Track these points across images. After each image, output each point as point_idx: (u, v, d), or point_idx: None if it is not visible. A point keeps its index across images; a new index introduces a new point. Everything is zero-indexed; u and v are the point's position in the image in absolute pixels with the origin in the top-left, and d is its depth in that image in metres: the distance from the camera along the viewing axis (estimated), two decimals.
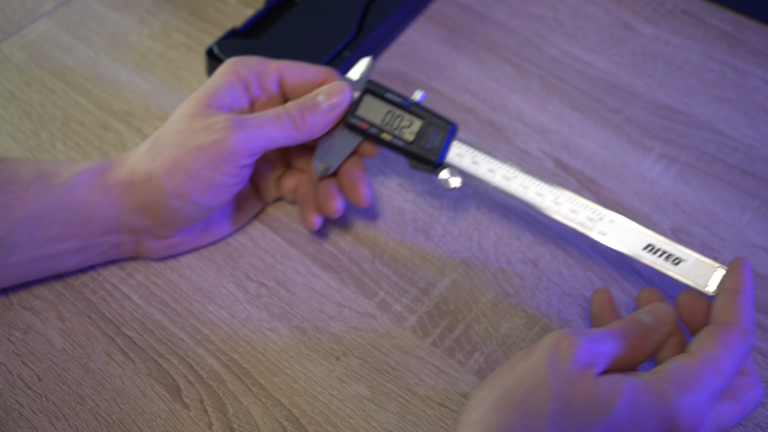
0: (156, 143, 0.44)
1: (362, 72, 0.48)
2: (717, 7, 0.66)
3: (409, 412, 0.43)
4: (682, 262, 0.42)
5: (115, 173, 0.44)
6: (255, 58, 0.47)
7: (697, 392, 0.35)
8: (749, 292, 0.39)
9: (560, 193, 0.45)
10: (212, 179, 0.43)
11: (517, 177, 0.45)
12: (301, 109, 0.45)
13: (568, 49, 0.63)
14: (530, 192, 0.45)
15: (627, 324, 0.38)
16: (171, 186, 0.43)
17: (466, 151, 0.46)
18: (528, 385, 0.35)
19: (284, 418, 0.43)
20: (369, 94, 0.47)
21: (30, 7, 0.64)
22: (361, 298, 0.48)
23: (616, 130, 0.58)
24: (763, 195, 0.54)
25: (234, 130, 0.43)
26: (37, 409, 0.43)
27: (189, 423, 0.42)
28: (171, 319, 0.47)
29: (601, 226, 0.44)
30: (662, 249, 0.43)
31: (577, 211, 0.44)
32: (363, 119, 0.47)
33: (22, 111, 0.57)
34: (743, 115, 0.59)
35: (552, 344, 0.36)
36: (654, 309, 0.40)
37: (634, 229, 0.44)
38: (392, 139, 0.46)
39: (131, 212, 0.44)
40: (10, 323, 0.46)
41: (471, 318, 0.48)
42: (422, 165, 0.47)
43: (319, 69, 0.48)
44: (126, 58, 0.61)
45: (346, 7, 0.61)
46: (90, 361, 0.45)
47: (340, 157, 0.47)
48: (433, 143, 0.46)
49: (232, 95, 0.46)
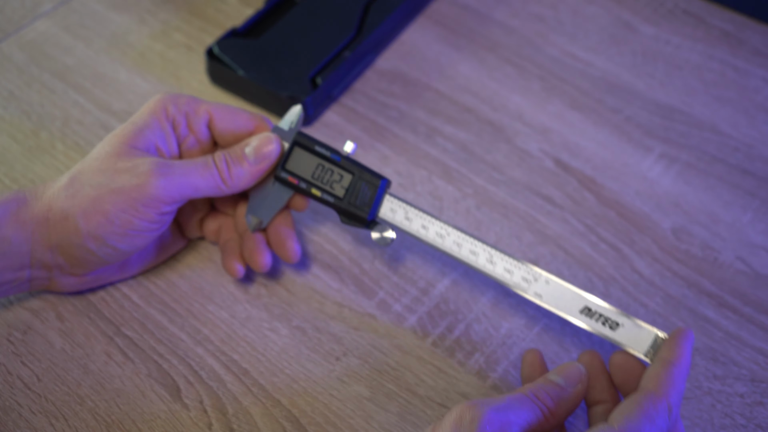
0: (75, 180, 0.42)
1: (293, 122, 0.46)
2: (717, 7, 0.66)
3: (410, 413, 0.43)
4: (620, 327, 0.41)
5: (31, 208, 0.42)
6: (185, 96, 0.45)
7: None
8: (684, 366, 0.37)
9: (494, 252, 0.43)
10: (131, 224, 0.42)
11: (451, 234, 0.44)
12: (227, 161, 0.44)
13: (568, 49, 0.63)
14: (464, 250, 0.44)
15: (537, 387, 0.37)
16: (87, 227, 0.41)
17: (399, 206, 0.45)
18: None
19: (284, 419, 0.43)
20: (298, 146, 0.45)
21: (30, 7, 0.64)
22: (361, 298, 0.48)
23: (617, 129, 0.58)
24: (763, 195, 0.54)
25: (158, 175, 0.41)
26: (36, 410, 0.42)
27: (189, 423, 0.42)
28: (171, 320, 0.46)
29: (536, 287, 0.42)
30: (599, 313, 0.41)
31: (512, 272, 0.43)
32: (292, 173, 0.45)
33: (22, 111, 0.56)
34: (744, 115, 0.59)
35: (455, 419, 0.35)
36: (564, 369, 0.39)
37: (570, 291, 0.42)
38: (322, 194, 0.45)
39: (45, 249, 0.43)
40: (9, 323, 0.46)
41: (471, 318, 0.48)
42: (353, 221, 0.45)
43: (250, 117, 0.46)
44: (126, 58, 0.60)
45: (346, 7, 0.61)
46: (89, 361, 0.44)
47: (273, 211, 0.46)
48: (364, 199, 0.45)
49: (159, 135, 0.44)
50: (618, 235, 0.51)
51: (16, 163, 0.53)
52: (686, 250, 0.51)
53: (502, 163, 0.55)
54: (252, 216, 0.46)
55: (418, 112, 0.58)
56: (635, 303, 0.48)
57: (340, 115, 0.58)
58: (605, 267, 0.50)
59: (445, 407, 0.44)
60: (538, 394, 0.37)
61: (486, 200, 0.53)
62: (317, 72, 0.56)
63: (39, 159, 0.54)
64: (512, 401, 0.36)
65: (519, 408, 0.36)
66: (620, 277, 0.49)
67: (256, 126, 0.46)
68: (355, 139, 0.56)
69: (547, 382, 0.38)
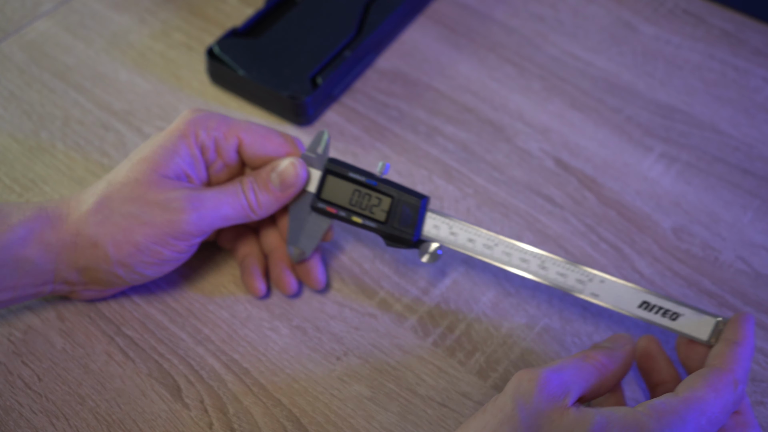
0: (103, 205, 0.42)
1: (321, 147, 0.45)
2: (718, 7, 0.66)
3: (410, 412, 0.43)
4: (680, 316, 0.41)
5: (57, 232, 0.42)
6: (215, 119, 0.44)
7: (678, 428, 0.34)
8: (748, 346, 0.38)
9: (546, 257, 0.43)
10: (161, 255, 0.42)
11: (499, 244, 0.43)
12: (254, 189, 0.44)
13: (568, 49, 0.63)
14: (514, 258, 0.43)
15: (588, 351, 0.39)
16: (118, 256, 0.42)
17: (442, 222, 0.44)
18: (496, 421, 0.35)
19: (285, 418, 0.43)
20: (331, 174, 0.45)
21: (30, 7, 0.64)
22: (362, 297, 0.48)
23: (617, 129, 0.58)
24: (764, 194, 0.54)
25: (190, 211, 0.41)
26: (37, 409, 0.43)
27: (189, 423, 0.42)
28: (171, 319, 0.46)
29: (592, 287, 0.42)
30: (658, 305, 0.41)
31: (566, 275, 0.43)
32: (329, 203, 0.45)
33: (22, 111, 0.56)
34: (744, 115, 0.59)
35: (516, 382, 0.36)
36: (610, 338, 0.41)
37: (626, 288, 0.42)
38: (364, 221, 0.45)
39: (71, 270, 0.43)
40: (10, 323, 0.46)
41: (472, 318, 0.48)
42: (398, 244, 0.45)
43: (281, 143, 0.45)
44: (126, 58, 0.60)
45: (347, 7, 0.61)
46: (90, 361, 0.44)
47: (315, 241, 0.45)
48: (407, 220, 0.44)
49: (188, 162, 0.43)
50: (618, 234, 0.51)
51: (17, 163, 0.53)
52: (687, 250, 0.51)
53: (503, 162, 0.55)
54: (294, 247, 0.46)
55: (419, 111, 0.58)
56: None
57: (341, 115, 0.58)
58: (606, 267, 0.50)
59: (445, 407, 0.44)
60: (590, 355, 0.38)
61: (486, 200, 0.53)
62: (318, 72, 0.56)
63: (39, 159, 0.54)
64: (565, 363, 0.37)
65: (575, 368, 0.37)
66: (621, 277, 0.49)
67: (287, 152, 0.45)
68: (355, 139, 0.56)
69: (596, 347, 0.39)
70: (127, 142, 0.55)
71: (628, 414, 0.35)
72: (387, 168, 0.45)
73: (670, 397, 0.35)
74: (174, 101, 0.58)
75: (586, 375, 0.37)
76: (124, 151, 0.54)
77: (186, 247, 0.43)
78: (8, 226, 0.41)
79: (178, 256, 0.43)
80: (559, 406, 0.35)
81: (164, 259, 0.43)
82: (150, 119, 0.56)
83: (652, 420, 0.34)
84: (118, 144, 0.55)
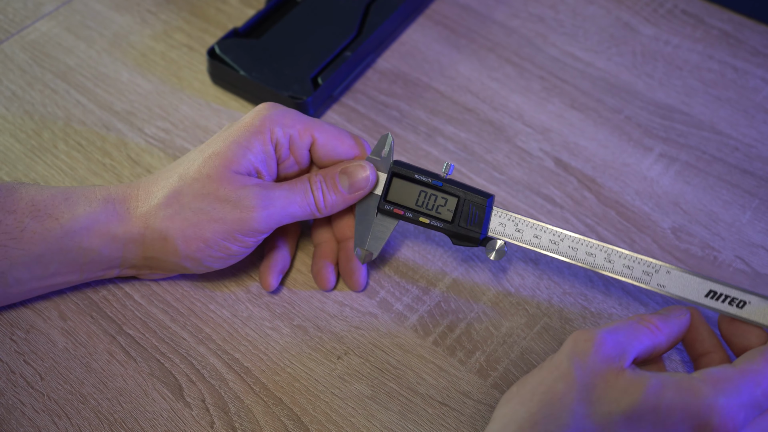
0: (174, 200, 0.42)
1: (386, 150, 0.46)
2: (717, 7, 0.67)
3: (411, 411, 0.44)
4: (747, 304, 0.42)
5: (124, 224, 0.43)
6: (290, 116, 0.44)
7: (733, 395, 0.35)
8: None
9: (612, 251, 0.44)
10: (228, 250, 0.43)
11: (565, 239, 0.44)
12: (323, 189, 0.44)
13: (568, 49, 0.63)
14: (580, 253, 0.44)
15: (643, 314, 0.40)
16: (186, 251, 0.43)
17: (507, 220, 0.45)
18: (552, 378, 0.36)
19: (286, 417, 0.43)
20: (397, 177, 0.46)
21: (32, 7, 0.64)
22: (363, 297, 0.48)
23: (617, 129, 0.58)
24: (762, 194, 0.54)
25: (260, 209, 0.42)
26: (39, 408, 0.43)
27: (191, 422, 0.43)
28: (173, 318, 0.47)
29: (658, 278, 0.43)
30: (724, 294, 0.42)
31: (632, 267, 0.43)
32: (396, 204, 0.46)
33: (24, 111, 0.57)
34: (743, 115, 0.59)
35: (572, 341, 0.37)
36: (667, 308, 0.41)
37: (692, 278, 0.43)
38: (431, 221, 0.45)
39: (138, 258, 0.44)
40: (12, 322, 0.46)
41: (472, 317, 0.48)
42: (465, 242, 0.45)
43: (352, 145, 0.46)
44: (127, 58, 0.61)
45: (347, 7, 0.61)
46: (92, 360, 0.45)
47: (381, 242, 0.46)
48: (474, 219, 0.45)
49: (260, 159, 0.44)
50: (618, 234, 0.52)
51: (19, 163, 0.53)
52: (686, 250, 0.51)
53: (503, 162, 0.55)
54: (361, 249, 0.46)
55: (419, 111, 0.58)
56: (635, 302, 0.48)
57: (342, 115, 0.58)
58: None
59: (445, 406, 0.44)
60: (645, 318, 0.39)
61: None
62: (318, 72, 0.57)
63: (41, 159, 0.54)
64: (622, 325, 0.38)
65: (630, 330, 0.38)
66: None
67: (356, 155, 0.46)
68: None
69: (651, 313, 0.40)
70: (129, 142, 0.55)
71: (683, 379, 0.35)
72: (452, 168, 0.46)
73: (727, 366, 0.36)
74: (175, 101, 0.58)
75: (641, 337, 0.38)
76: (125, 151, 0.55)
77: (253, 242, 0.44)
78: (73, 215, 0.42)
79: (245, 251, 0.44)
80: (615, 366, 0.36)
81: (231, 254, 0.44)
82: (151, 119, 0.57)
83: (707, 386, 0.35)
84: (119, 144, 0.55)
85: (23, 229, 0.41)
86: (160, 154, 0.55)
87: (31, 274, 0.42)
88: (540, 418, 0.36)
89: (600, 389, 0.35)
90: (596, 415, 0.35)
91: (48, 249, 0.42)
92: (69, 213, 0.42)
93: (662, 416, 0.34)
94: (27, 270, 0.42)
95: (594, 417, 0.35)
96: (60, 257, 0.42)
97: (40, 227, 0.42)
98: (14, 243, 0.41)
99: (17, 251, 0.41)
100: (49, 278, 0.43)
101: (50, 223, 0.42)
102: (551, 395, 0.36)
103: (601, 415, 0.35)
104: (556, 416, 0.35)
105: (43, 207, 0.42)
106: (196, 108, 0.58)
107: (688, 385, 0.35)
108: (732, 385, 0.35)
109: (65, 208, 0.42)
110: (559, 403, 0.36)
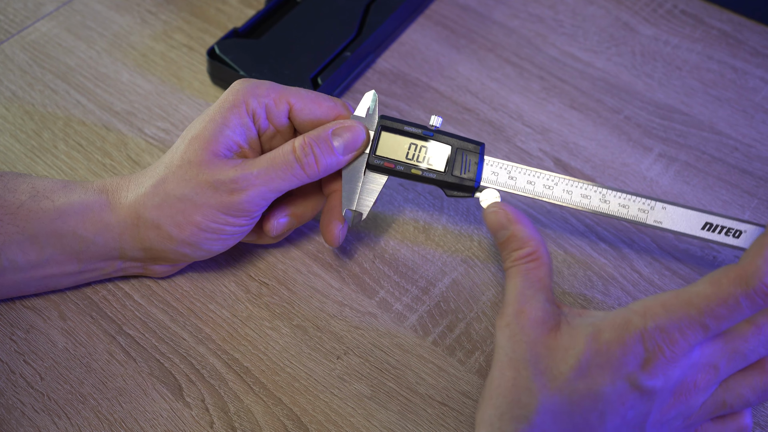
0: (160, 188, 0.43)
1: (370, 107, 0.46)
2: (716, 8, 0.67)
3: (410, 411, 0.44)
4: (743, 233, 0.43)
5: (116, 213, 0.43)
6: (265, 86, 0.44)
7: (662, 318, 0.35)
8: None
9: (607, 192, 0.44)
10: (223, 231, 0.43)
11: (559, 183, 0.44)
12: (314, 152, 0.43)
13: (567, 49, 0.63)
14: (575, 196, 0.44)
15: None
16: (181, 236, 0.43)
17: (500, 168, 0.45)
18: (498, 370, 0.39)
19: (285, 417, 0.43)
20: (385, 130, 0.45)
21: (32, 8, 0.64)
22: (362, 297, 0.48)
23: (616, 129, 0.58)
24: (762, 194, 0.54)
25: (241, 192, 0.42)
26: (39, 408, 0.43)
27: (191, 422, 0.43)
28: (173, 318, 0.47)
29: (654, 215, 0.44)
30: (720, 225, 0.43)
31: (627, 206, 0.44)
32: (386, 158, 0.45)
33: (24, 111, 0.57)
34: (742, 115, 0.59)
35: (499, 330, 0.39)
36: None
37: (688, 212, 0.44)
38: (423, 173, 0.45)
39: (136, 249, 0.44)
40: (12, 322, 0.46)
41: (471, 317, 0.48)
42: (459, 192, 0.45)
43: (331, 106, 0.45)
44: (127, 59, 0.61)
45: (347, 8, 0.61)
46: (92, 360, 0.45)
47: (371, 201, 0.45)
48: (467, 168, 0.45)
49: (239, 132, 0.43)
50: (617, 234, 0.52)
51: (19, 163, 0.54)
52: (685, 250, 0.51)
53: None
54: (351, 210, 0.45)
55: (419, 112, 0.58)
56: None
57: None
58: (604, 266, 0.50)
59: (445, 406, 0.44)
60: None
61: None
62: (318, 72, 0.57)
63: (41, 159, 0.54)
64: (512, 288, 0.40)
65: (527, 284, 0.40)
66: (620, 276, 0.50)
67: (338, 114, 0.46)
68: None
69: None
70: (129, 142, 0.55)
71: (617, 315, 0.36)
72: (441, 121, 0.46)
73: (664, 293, 0.36)
74: (175, 102, 0.58)
75: (536, 284, 0.40)
76: (125, 151, 0.55)
77: (246, 221, 0.44)
78: (68, 200, 0.43)
79: (242, 230, 0.44)
80: (549, 328, 0.38)
81: (228, 234, 0.44)
82: (151, 119, 0.57)
83: (637, 315, 0.36)
84: (119, 144, 0.55)
85: (20, 206, 0.42)
86: (160, 154, 0.55)
87: (25, 258, 0.42)
88: (505, 408, 0.37)
89: (545, 357, 0.36)
90: (553, 381, 0.36)
91: (42, 229, 0.42)
92: (65, 197, 0.43)
93: (607, 357, 0.35)
94: (21, 250, 0.42)
95: (552, 384, 0.36)
96: (54, 240, 0.43)
97: (36, 206, 0.43)
98: (9, 218, 0.42)
99: (12, 227, 0.42)
100: (46, 266, 0.43)
101: (46, 203, 0.43)
102: (506, 384, 0.37)
103: (557, 379, 0.36)
104: (518, 401, 0.36)
105: (41, 190, 0.44)
106: (196, 108, 0.58)
107: (621, 320, 0.36)
108: (663, 309, 0.35)
109: (62, 194, 0.44)
110: (516, 388, 0.37)
